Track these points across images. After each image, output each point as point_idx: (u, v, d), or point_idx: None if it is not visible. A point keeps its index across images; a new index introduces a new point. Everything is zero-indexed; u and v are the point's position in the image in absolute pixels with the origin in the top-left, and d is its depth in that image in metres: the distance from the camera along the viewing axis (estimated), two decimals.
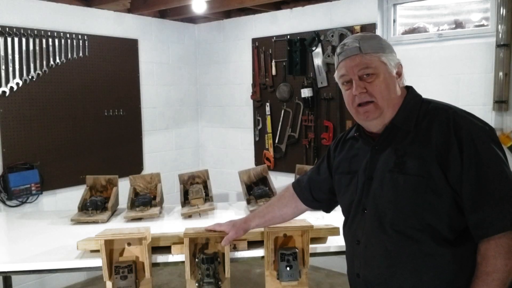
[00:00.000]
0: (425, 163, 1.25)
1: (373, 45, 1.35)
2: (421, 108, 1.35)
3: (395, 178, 1.30)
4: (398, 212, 1.29)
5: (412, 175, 1.26)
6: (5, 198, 3.32)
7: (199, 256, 1.85)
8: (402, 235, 1.28)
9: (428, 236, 1.25)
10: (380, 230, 1.33)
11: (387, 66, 1.35)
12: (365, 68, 1.33)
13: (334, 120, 3.83)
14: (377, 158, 1.37)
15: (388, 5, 3.61)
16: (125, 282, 1.83)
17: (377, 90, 1.33)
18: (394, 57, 1.38)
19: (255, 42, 4.28)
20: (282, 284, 1.87)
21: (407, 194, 1.27)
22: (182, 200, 2.71)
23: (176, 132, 4.65)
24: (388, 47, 1.38)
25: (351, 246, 1.45)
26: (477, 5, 3.29)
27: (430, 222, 1.25)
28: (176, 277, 3.86)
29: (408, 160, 1.28)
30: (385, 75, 1.34)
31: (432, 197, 1.24)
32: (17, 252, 2.09)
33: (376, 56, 1.34)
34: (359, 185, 1.41)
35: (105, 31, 3.93)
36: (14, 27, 3.34)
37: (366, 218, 1.37)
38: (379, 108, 1.34)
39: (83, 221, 2.48)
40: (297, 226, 1.87)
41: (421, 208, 1.25)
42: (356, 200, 1.42)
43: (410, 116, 1.34)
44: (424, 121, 1.31)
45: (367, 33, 1.44)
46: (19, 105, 3.39)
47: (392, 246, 1.30)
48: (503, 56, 2.99)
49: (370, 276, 1.37)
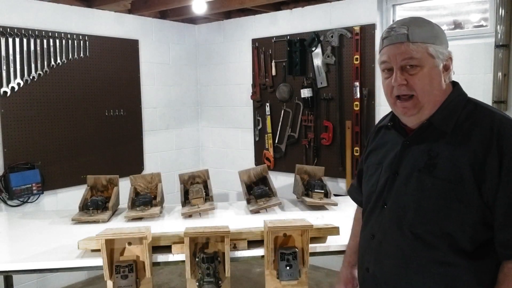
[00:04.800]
0: (458, 169, 1.17)
1: (424, 33, 1.23)
2: (465, 109, 1.24)
3: (423, 179, 1.23)
4: (419, 215, 1.23)
5: (442, 179, 1.19)
6: (6, 198, 3.33)
7: (199, 256, 1.86)
8: (419, 239, 1.23)
9: (446, 244, 1.20)
10: (397, 229, 1.27)
11: (435, 59, 1.23)
12: (409, 59, 1.22)
13: (333, 120, 3.84)
14: (406, 154, 1.29)
15: (388, 6, 3.62)
16: (125, 281, 1.84)
17: (419, 85, 1.23)
18: (444, 49, 1.25)
19: (255, 43, 4.29)
20: (282, 283, 1.88)
21: (432, 199, 1.21)
22: (182, 199, 2.72)
23: (177, 132, 4.66)
24: (440, 37, 1.25)
25: (365, 240, 1.40)
26: (476, 6, 3.30)
27: (450, 231, 1.19)
28: (177, 277, 3.87)
29: (440, 162, 1.21)
30: (430, 69, 1.22)
31: (459, 206, 1.17)
32: (18, 251, 2.10)
33: (424, 46, 1.22)
34: (382, 178, 1.35)
35: (105, 32, 3.94)
36: (15, 27, 3.35)
37: (385, 213, 1.32)
38: (418, 104, 1.25)
39: (84, 221, 2.49)
40: (297, 226, 1.88)
41: (444, 215, 1.19)
42: (377, 193, 1.36)
43: (450, 116, 1.24)
44: (465, 123, 1.21)
45: (419, 18, 1.28)
46: (20, 105, 3.40)
47: (407, 248, 1.25)
48: (502, 56, 3.00)
49: (380, 273, 1.33)
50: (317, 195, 2.69)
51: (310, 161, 3.96)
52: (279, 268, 1.87)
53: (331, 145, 3.86)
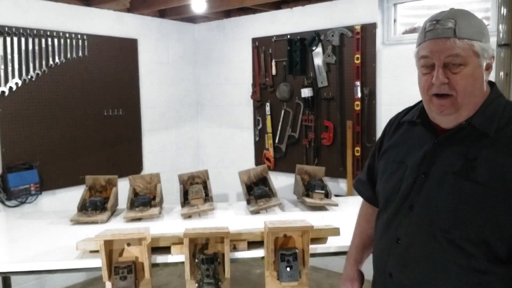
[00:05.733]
0: (500, 174, 1.11)
1: (471, 28, 1.15)
2: (505, 111, 1.19)
3: (459, 183, 1.16)
4: (455, 221, 1.16)
5: (483, 184, 1.13)
6: (4, 198, 3.31)
7: (198, 257, 1.85)
8: (453, 245, 1.17)
9: (482, 252, 1.15)
10: (428, 234, 1.21)
11: (479, 58, 1.16)
12: (454, 56, 1.14)
13: (334, 120, 3.82)
14: (438, 154, 1.22)
15: (389, 5, 3.60)
16: (124, 282, 1.83)
17: (461, 85, 1.16)
18: (489, 47, 1.17)
19: (255, 42, 4.27)
20: (282, 284, 1.87)
21: (472, 204, 1.14)
22: (182, 200, 2.71)
23: (176, 132, 4.64)
24: (486, 34, 1.18)
25: (388, 243, 1.31)
26: (478, 5, 3.28)
27: (489, 239, 1.14)
28: (176, 278, 3.85)
29: (480, 166, 1.14)
30: (474, 68, 1.15)
31: (501, 212, 1.12)
32: (16, 252, 2.09)
33: (470, 43, 1.14)
34: (409, 178, 1.27)
35: (104, 31, 3.92)
36: (14, 26, 3.33)
37: (412, 216, 1.25)
38: (456, 104, 1.18)
39: (82, 222, 2.47)
40: (297, 227, 1.87)
41: (484, 222, 1.13)
42: (402, 194, 1.28)
43: (492, 118, 1.18)
44: (508, 127, 1.16)
45: (465, 10, 1.19)
46: (18, 105, 3.38)
47: (439, 254, 1.19)
48: (504, 56, 2.98)
49: (406, 279, 1.27)
50: (318, 196, 2.68)
51: (311, 161, 3.95)
52: (279, 269, 1.86)
53: (332, 145, 3.85)
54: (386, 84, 3.55)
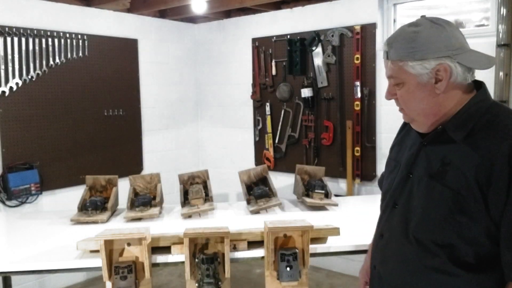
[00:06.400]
0: (466, 180, 1.13)
1: (402, 50, 1.19)
2: (483, 117, 1.17)
3: (432, 185, 1.19)
4: (424, 222, 1.21)
5: (451, 188, 1.15)
6: (5, 198, 3.32)
7: (199, 256, 1.85)
8: (421, 245, 1.21)
9: (446, 254, 1.17)
10: (403, 232, 1.26)
11: (415, 76, 1.18)
12: (389, 77, 1.25)
13: (334, 120, 3.82)
14: (422, 155, 1.26)
15: (389, 5, 3.61)
16: (125, 282, 1.83)
17: (402, 101, 1.24)
18: (429, 62, 1.16)
19: (255, 42, 4.27)
20: (282, 284, 1.87)
21: (439, 207, 1.17)
22: (182, 200, 2.71)
23: (176, 132, 4.65)
24: (422, 50, 1.17)
25: (375, 237, 1.42)
26: (478, 5, 3.29)
27: (454, 242, 1.16)
28: (176, 278, 3.86)
29: (451, 171, 1.16)
30: (411, 86, 1.20)
31: (464, 218, 1.14)
32: (17, 252, 2.09)
33: (400, 64, 1.20)
34: (399, 177, 1.32)
35: (104, 31, 3.93)
36: (14, 27, 3.33)
37: (394, 214, 1.30)
38: (408, 116, 1.26)
39: (82, 221, 2.47)
40: (297, 226, 1.87)
41: (449, 226, 1.16)
42: (391, 192, 1.34)
43: (463, 125, 1.18)
44: (480, 133, 1.15)
45: (406, 29, 1.22)
46: (19, 105, 3.38)
47: (409, 252, 1.24)
48: (504, 56, 2.98)
49: (384, 273, 1.34)
50: (318, 196, 2.68)
51: (311, 161, 3.95)
52: (279, 269, 1.86)
53: (332, 145, 3.85)
54: (386, 84, 3.54)
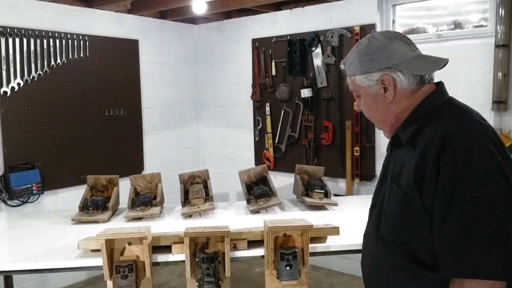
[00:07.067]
0: (410, 179, 1.19)
1: (351, 66, 1.34)
2: (432, 117, 1.22)
3: (392, 187, 1.27)
4: (386, 222, 1.28)
5: (402, 189, 1.22)
6: (6, 198, 3.33)
7: (199, 256, 1.86)
8: (386, 244, 1.28)
9: (405, 253, 1.22)
10: (375, 232, 1.34)
11: (365, 88, 1.31)
12: (352, 91, 1.38)
13: (333, 120, 3.84)
14: (392, 159, 1.34)
15: (388, 6, 3.62)
16: (125, 281, 1.84)
17: (364, 111, 1.38)
18: (372, 75, 1.27)
19: (255, 43, 4.29)
20: (282, 283, 1.88)
21: (393, 208, 1.25)
22: (182, 199, 2.72)
23: (177, 132, 4.66)
24: (366, 64, 1.27)
25: (363, 237, 1.47)
26: (476, 6, 3.30)
27: (408, 240, 1.21)
28: (177, 277, 3.87)
29: (404, 173, 1.23)
30: (365, 97, 1.34)
31: (411, 216, 1.19)
32: (18, 251, 2.10)
33: (352, 79, 1.35)
34: (378, 180, 1.41)
35: (105, 32, 3.94)
36: (15, 27, 3.35)
37: (373, 215, 1.38)
38: (376, 125, 1.40)
39: (84, 221, 2.49)
40: (297, 226, 1.88)
41: (401, 224, 1.22)
42: (374, 194, 1.42)
43: (408, 128, 1.26)
44: (423, 132, 1.21)
45: (354, 48, 1.34)
46: (20, 105, 3.40)
47: (379, 252, 1.31)
48: (502, 56, 3.00)
49: (364, 271, 1.43)
50: (317, 195, 2.69)
51: (310, 161, 3.96)
52: (279, 268, 1.87)
53: (331, 145, 3.86)
54: None
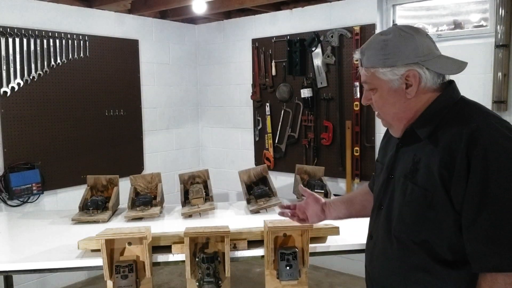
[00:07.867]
0: (431, 176, 1.16)
1: (374, 56, 1.24)
2: (449, 113, 1.20)
3: (406, 185, 1.23)
4: (401, 221, 1.24)
5: (419, 186, 1.19)
6: (6, 198, 3.33)
7: (199, 256, 1.86)
8: (402, 244, 1.24)
9: (425, 252, 1.19)
10: (386, 232, 1.30)
11: (386, 82, 1.24)
12: (364, 83, 1.30)
13: (333, 120, 3.84)
14: (399, 156, 1.30)
15: (388, 6, 3.62)
16: (125, 281, 1.84)
17: (377, 106, 1.29)
18: (399, 69, 1.21)
19: (255, 43, 4.29)
20: (282, 283, 1.88)
21: (411, 205, 1.21)
22: (182, 199, 2.72)
23: (177, 132, 4.66)
24: (391, 57, 1.22)
25: (367, 239, 1.44)
26: (476, 6, 3.30)
27: (428, 239, 1.19)
28: (177, 277, 3.87)
29: (420, 169, 1.20)
30: (383, 91, 1.25)
31: (432, 213, 1.17)
32: (18, 251, 2.10)
33: (372, 71, 1.25)
34: (382, 179, 1.36)
35: (105, 32, 3.94)
36: (15, 27, 3.35)
37: (380, 215, 1.34)
38: (384, 121, 1.31)
39: (84, 221, 2.49)
40: (297, 226, 1.88)
41: (421, 222, 1.19)
42: (378, 193, 1.37)
43: (428, 122, 1.22)
44: (443, 128, 1.18)
45: (377, 38, 1.27)
46: (20, 105, 3.40)
47: (392, 252, 1.28)
48: (502, 56, 3.00)
49: (373, 273, 1.38)
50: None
51: (310, 161, 3.96)
52: (279, 268, 1.87)
53: (331, 145, 3.86)
54: None
